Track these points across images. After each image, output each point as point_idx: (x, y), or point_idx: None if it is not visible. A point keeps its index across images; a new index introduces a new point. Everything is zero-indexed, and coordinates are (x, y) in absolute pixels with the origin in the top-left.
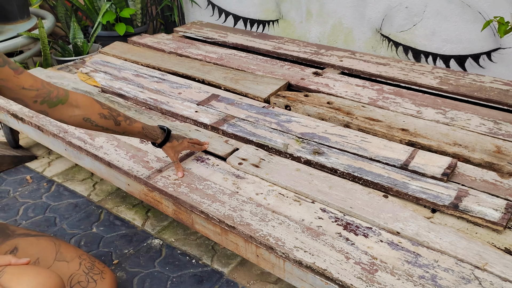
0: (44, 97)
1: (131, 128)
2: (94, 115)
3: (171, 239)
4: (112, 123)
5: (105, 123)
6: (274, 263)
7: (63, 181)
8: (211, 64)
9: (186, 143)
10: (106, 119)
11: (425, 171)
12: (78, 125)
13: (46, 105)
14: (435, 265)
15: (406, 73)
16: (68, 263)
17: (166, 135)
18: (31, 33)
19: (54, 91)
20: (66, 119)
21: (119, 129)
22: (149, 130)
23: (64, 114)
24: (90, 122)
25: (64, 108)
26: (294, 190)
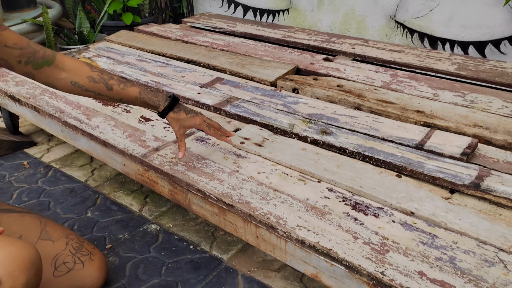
0: (28, 57)
1: (126, 93)
2: (82, 78)
3: (169, 225)
4: (103, 87)
5: (95, 87)
6: (275, 244)
7: (61, 166)
8: (218, 50)
9: (198, 120)
10: (95, 83)
11: (442, 151)
12: (67, 90)
13: (31, 66)
14: (454, 247)
15: (421, 60)
16: (54, 242)
17: (170, 102)
18: (35, 20)
19: (40, 51)
20: (53, 82)
21: (112, 95)
22: (148, 95)
23: (51, 77)
24: (79, 87)
25: (50, 70)
26: (299, 169)
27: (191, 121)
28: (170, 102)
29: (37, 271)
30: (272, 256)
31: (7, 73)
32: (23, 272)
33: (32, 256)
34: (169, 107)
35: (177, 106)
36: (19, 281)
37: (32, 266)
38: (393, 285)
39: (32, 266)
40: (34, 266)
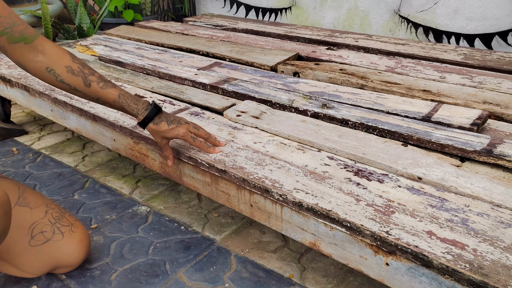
0: (5, 27)
1: (104, 94)
2: (60, 67)
3: (159, 207)
4: (80, 82)
5: (72, 80)
6: (270, 212)
7: (51, 153)
8: (218, 41)
9: (182, 131)
10: (73, 75)
11: (451, 122)
12: (39, 75)
13: (6, 38)
14: (466, 210)
15: (426, 51)
16: (32, 209)
17: (150, 112)
18: (34, 11)
19: (20, 25)
20: (26, 63)
21: (89, 92)
22: (127, 101)
23: (25, 57)
24: (54, 75)
25: (25, 49)
26: (297, 139)
27: (173, 132)
28: (150, 112)
29: (5, 213)
30: (267, 226)
31: (0, 58)
32: None
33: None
34: (148, 118)
35: (158, 116)
36: None
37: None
38: (399, 244)
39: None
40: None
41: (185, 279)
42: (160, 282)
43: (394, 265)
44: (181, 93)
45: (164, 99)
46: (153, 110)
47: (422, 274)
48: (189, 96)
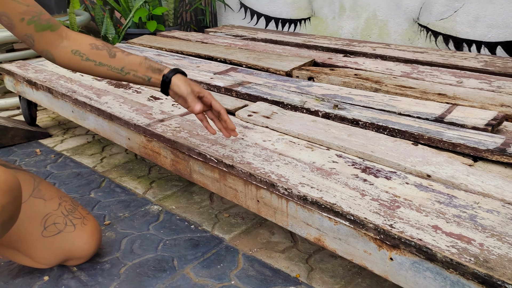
0: (33, 15)
1: (129, 60)
2: (84, 46)
3: (171, 206)
4: (105, 55)
5: (97, 55)
6: (276, 207)
7: (72, 154)
8: (236, 48)
9: (207, 91)
10: (98, 49)
11: (465, 123)
12: (66, 59)
13: (33, 26)
14: (475, 206)
15: (446, 59)
16: (46, 201)
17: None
18: (61, 21)
19: (46, 14)
20: (52, 50)
21: (114, 63)
22: (154, 61)
23: (51, 43)
24: (79, 55)
25: (52, 36)
26: (307, 137)
27: (201, 88)
28: (176, 68)
29: (14, 199)
30: (274, 221)
31: (28, 64)
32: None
33: (11, 180)
34: (177, 69)
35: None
36: None
37: (10, 191)
38: (402, 237)
39: (10, 191)
40: (12, 191)
41: (192, 275)
42: (167, 277)
43: (398, 259)
44: None
45: None
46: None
47: (426, 268)
48: None
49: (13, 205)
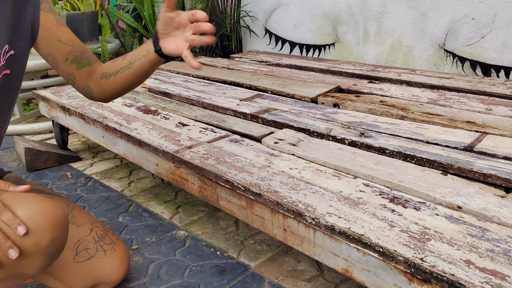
0: (76, 55)
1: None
2: (107, 65)
3: (197, 232)
4: (120, 61)
5: (115, 66)
6: (303, 236)
7: (101, 178)
8: (261, 74)
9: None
10: (115, 61)
11: (495, 152)
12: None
13: (75, 65)
14: (509, 241)
15: (473, 84)
16: (78, 227)
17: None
18: (94, 49)
19: (87, 52)
20: (90, 83)
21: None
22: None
23: (89, 77)
24: (105, 77)
25: (89, 70)
26: (333, 166)
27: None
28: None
29: (64, 232)
30: (301, 250)
31: (62, 90)
32: (51, 229)
33: (61, 215)
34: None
35: None
36: (45, 237)
37: (60, 225)
38: (434, 271)
39: (61, 225)
40: (62, 225)
41: None
42: None
43: None
44: (222, 121)
45: (206, 127)
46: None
47: None
48: (229, 124)
49: (62, 238)
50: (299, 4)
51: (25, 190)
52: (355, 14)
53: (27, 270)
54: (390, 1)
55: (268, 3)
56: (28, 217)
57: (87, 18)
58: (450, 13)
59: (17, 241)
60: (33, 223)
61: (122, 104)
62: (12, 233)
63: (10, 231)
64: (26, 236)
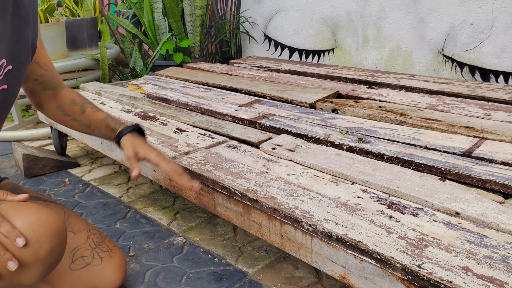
0: (46, 78)
1: (95, 116)
2: (66, 101)
3: (195, 238)
4: (78, 110)
5: (73, 111)
6: (300, 242)
7: (99, 184)
8: (260, 80)
9: (154, 152)
10: (74, 105)
11: (494, 158)
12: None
13: (42, 86)
14: (507, 247)
15: (472, 90)
16: (75, 234)
17: (133, 126)
18: (93, 55)
19: (57, 76)
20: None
21: (83, 118)
22: (114, 120)
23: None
24: (61, 110)
25: (51, 93)
26: (331, 171)
27: (147, 149)
28: (133, 126)
29: (62, 242)
30: (298, 257)
31: None
32: (49, 239)
33: (59, 225)
34: (128, 128)
35: (138, 133)
36: (44, 247)
37: (58, 234)
38: (432, 278)
39: (59, 235)
40: (60, 235)
41: None
42: None
43: None
44: (220, 127)
45: (204, 132)
46: (135, 126)
47: None
48: (227, 130)
49: (61, 248)
50: (298, 9)
51: (23, 199)
52: (354, 20)
53: (26, 280)
54: (389, 6)
55: (267, 9)
56: (27, 228)
57: (87, 24)
58: (448, 18)
59: (16, 252)
60: (31, 234)
61: (121, 110)
62: (10, 245)
63: (9, 242)
64: (24, 247)
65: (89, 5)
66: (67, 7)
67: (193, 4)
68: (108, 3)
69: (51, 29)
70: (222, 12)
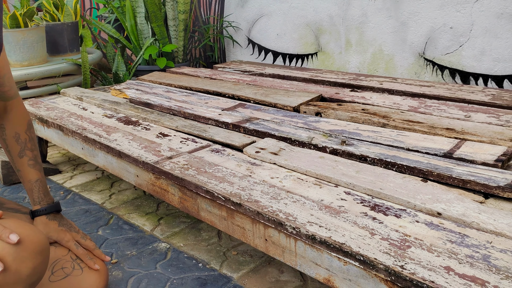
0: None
1: (27, 170)
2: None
3: (179, 244)
4: (16, 150)
5: (11, 144)
6: (284, 246)
7: (80, 191)
8: (244, 84)
9: (68, 236)
10: (16, 142)
11: (474, 158)
12: None
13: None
14: (488, 246)
15: (453, 92)
16: (56, 247)
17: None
18: (74, 60)
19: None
20: None
21: (17, 162)
22: (40, 188)
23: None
24: (2, 130)
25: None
26: (315, 174)
27: (59, 234)
28: (49, 206)
29: (44, 259)
30: (282, 261)
31: (40, 102)
32: (32, 256)
33: (42, 242)
34: (45, 210)
35: (53, 214)
36: (25, 265)
37: (41, 252)
38: (414, 279)
39: (42, 252)
40: (43, 252)
41: None
42: None
43: None
44: (203, 131)
45: (187, 137)
46: (53, 207)
47: None
48: (211, 134)
49: (44, 265)
50: (281, 14)
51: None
52: (336, 24)
53: None
54: (370, 10)
55: (250, 13)
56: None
57: (68, 29)
58: (428, 22)
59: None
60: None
61: (103, 115)
62: None
63: None
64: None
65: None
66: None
67: (176, 9)
68: (89, 8)
69: (31, 33)
70: (205, 17)
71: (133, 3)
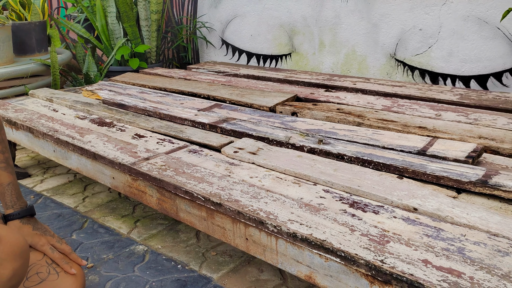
0: None
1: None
2: None
3: (157, 246)
4: None
5: None
6: (265, 244)
7: (52, 195)
8: (219, 85)
9: (43, 240)
10: None
11: (446, 155)
12: None
13: None
14: (462, 239)
15: (423, 92)
16: (31, 252)
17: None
18: (42, 60)
19: None
20: None
21: None
22: (12, 191)
23: None
24: None
25: None
26: (293, 173)
27: (34, 238)
28: (23, 210)
29: (25, 262)
30: (263, 259)
31: (8, 103)
32: (12, 258)
33: (21, 243)
34: (19, 214)
35: (27, 218)
36: (6, 267)
37: (20, 253)
38: (394, 272)
39: (21, 254)
40: (23, 255)
41: None
42: None
43: None
44: (180, 132)
45: (164, 138)
46: (27, 211)
47: None
48: (188, 134)
49: (24, 268)
50: (255, 15)
51: None
52: (310, 25)
53: None
54: (343, 12)
55: (224, 14)
56: None
57: (35, 29)
58: (399, 24)
59: None
60: None
61: (75, 117)
62: None
63: None
64: None
65: (38, 8)
66: (13, 10)
67: (149, 9)
68: (57, 7)
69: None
70: (178, 17)
71: (103, 3)
